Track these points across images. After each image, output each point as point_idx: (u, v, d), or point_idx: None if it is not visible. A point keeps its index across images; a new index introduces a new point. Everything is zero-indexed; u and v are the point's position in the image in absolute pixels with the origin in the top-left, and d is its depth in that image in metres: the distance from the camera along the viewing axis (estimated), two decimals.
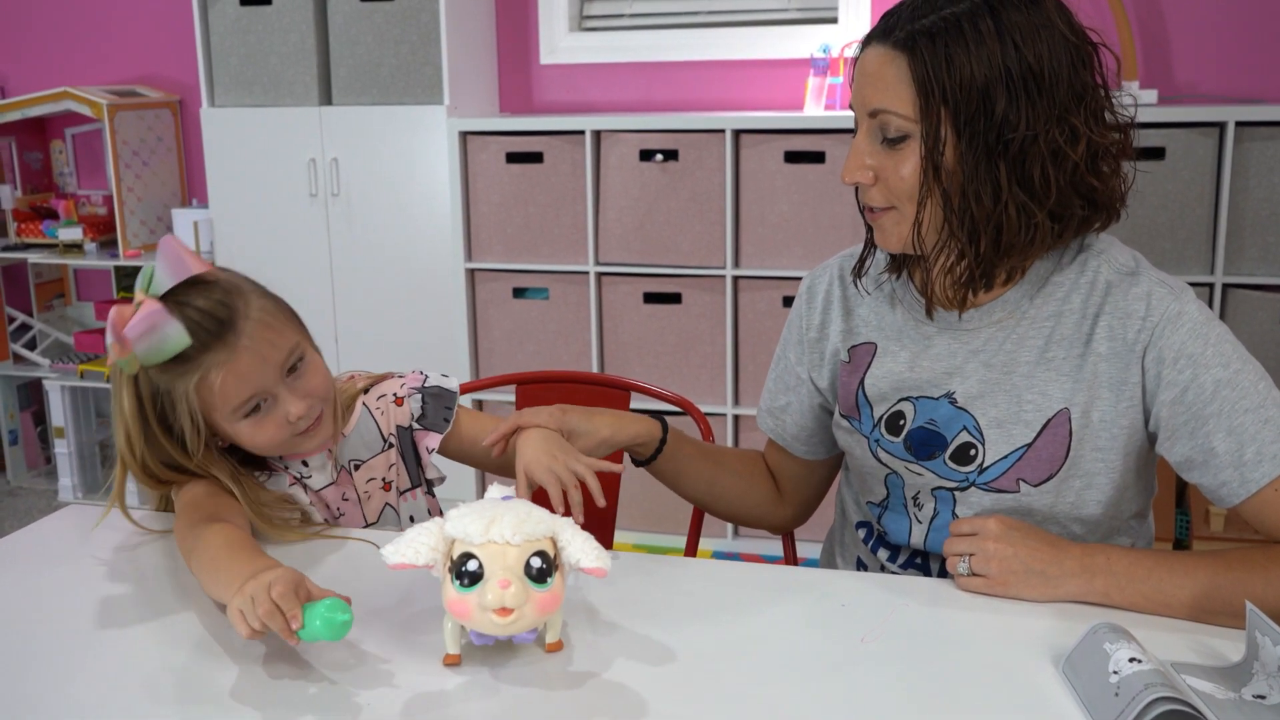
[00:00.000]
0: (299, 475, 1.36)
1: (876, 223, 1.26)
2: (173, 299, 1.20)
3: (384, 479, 1.41)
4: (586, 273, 3.17)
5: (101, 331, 3.64)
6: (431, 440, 1.41)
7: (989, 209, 1.18)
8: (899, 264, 1.34)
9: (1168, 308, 1.21)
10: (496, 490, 1.09)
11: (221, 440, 1.30)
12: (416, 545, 1.01)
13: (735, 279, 3.07)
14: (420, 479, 1.45)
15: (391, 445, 1.42)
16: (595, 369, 3.22)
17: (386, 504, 1.42)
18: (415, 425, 1.42)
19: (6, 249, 3.77)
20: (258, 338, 1.23)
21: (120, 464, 1.30)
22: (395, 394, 1.42)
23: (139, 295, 1.20)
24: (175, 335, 1.18)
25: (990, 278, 1.24)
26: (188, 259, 1.21)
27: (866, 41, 1.23)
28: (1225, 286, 2.76)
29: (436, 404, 1.42)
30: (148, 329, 1.17)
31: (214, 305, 1.21)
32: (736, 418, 3.14)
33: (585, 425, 1.36)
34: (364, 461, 1.40)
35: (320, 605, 1.00)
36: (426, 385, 1.43)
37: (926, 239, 1.22)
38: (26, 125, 3.88)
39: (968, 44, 1.14)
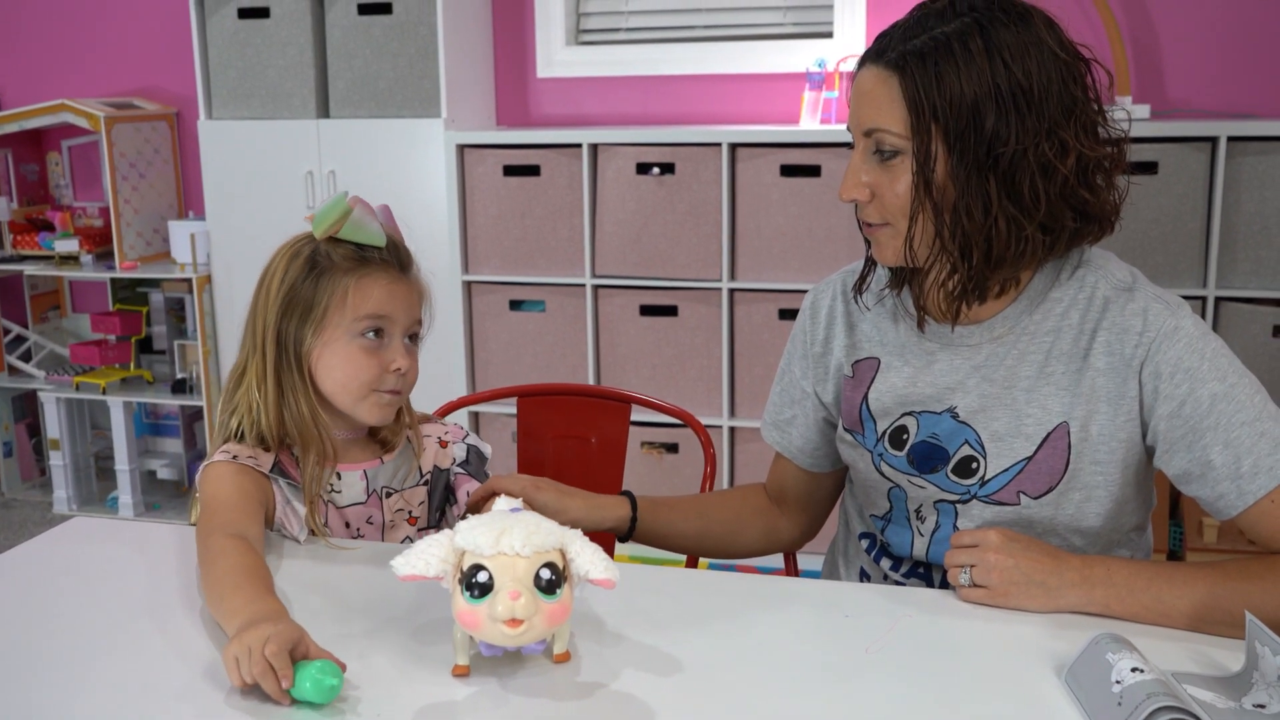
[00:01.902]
0: (326, 490, 1.38)
1: (873, 238, 1.29)
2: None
3: (411, 513, 1.44)
4: (583, 285, 3.19)
5: (96, 343, 3.66)
6: (472, 486, 1.47)
7: (980, 222, 1.20)
8: (900, 280, 1.36)
9: (1164, 323, 1.23)
10: (504, 503, 1.10)
11: (311, 369, 1.35)
12: (427, 557, 1.02)
13: (731, 292, 3.09)
14: (439, 521, 1.48)
15: (426, 483, 1.45)
16: (592, 381, 3.23)
17: (407, 537, 1.43)
18: (457, 469, 1.48)
19: (2, 261, 3.77)
20: (414, 288, 1.40)
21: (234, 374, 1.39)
22: (440, 437, 1.49)
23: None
24: (377, 228, 1.36)
25: (983, 290, 1.26)
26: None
27: (861, 63, 1.26)
28: (1217, 300, 2.78)
29: (477, 459, 1.50)
30: (367, 208, 1.35)
31: (407, 250, 1.41)
32: (733, 429, 3.16)
33: (556, 505, 1.38)
34: (396, 491, 1.43)
35: (312, 666, 0.99)
36: (468, 440, 1.51)
37: (919, 253, 1.24)
38: (23, 137, 3.88)
39: (957, 63, 1.17)
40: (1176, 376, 1.22)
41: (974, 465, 1.30)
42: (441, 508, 1.48)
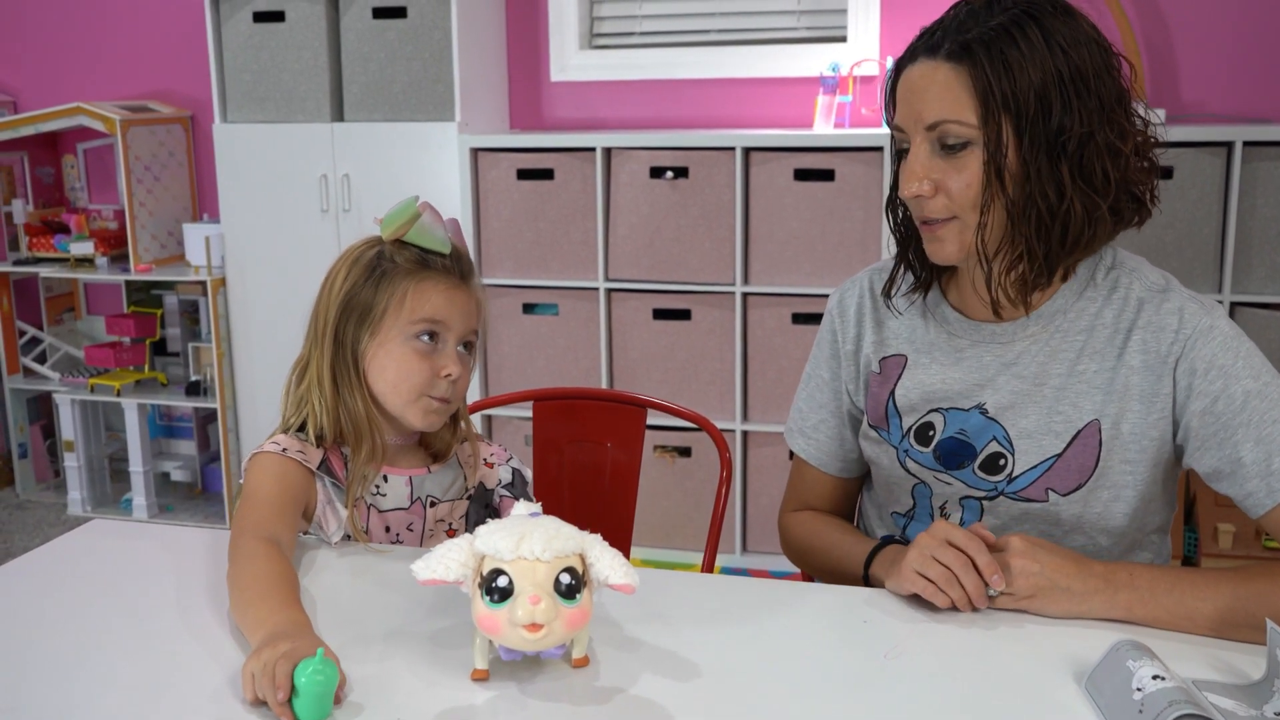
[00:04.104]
0: (371, 492, 1.39)
1: (935, 235, 1.27)
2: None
3: (451, 525, 1.44)
4: (596, 289, 3.19)
5: (111, 346, 3.67)
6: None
7: (1054, 206, 1.21)
8: (926, 283, 1.36)
9: (1199, 321, 1.24)
10: (524, 507, 1.10)
11: (365, 369, 1.37)
12: (447, 561, 1.03)
13: (745, 295, 3.09)
14: None
15: (469, 498, 1.46)
16: (605, 385, 3.23)
17: None
18: (502, 491, 1.50)
19: (18, 263, 3.79)
20: (473, 297, 1.41)
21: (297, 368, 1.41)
22: (486, 458, 1.50)
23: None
24: (443, 235, 1.38)
25: (1052, 275, 1.27)
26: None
27: (909, 59, 1.25)
28: (1233, 305, 2.77)
29: (521, 483, 1.51)
30: (436, 214, 1.38)
31: (470, 260, 1.43)
32: (745, 434, 3.15)
33: None
34: (440, 501, 1.43)
35: (301, 687, 0.97)
36: (512, 462, 1.53)
37: (990, 243, 1.24)
38: (39, 140, 3.90)
39: (1021, 50, 1.18)
40: (1211, 373, 1.23)
41: (1001, 462, 1.31)
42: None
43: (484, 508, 1.48)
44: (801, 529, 1.50)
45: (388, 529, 1.40)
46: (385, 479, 1.39)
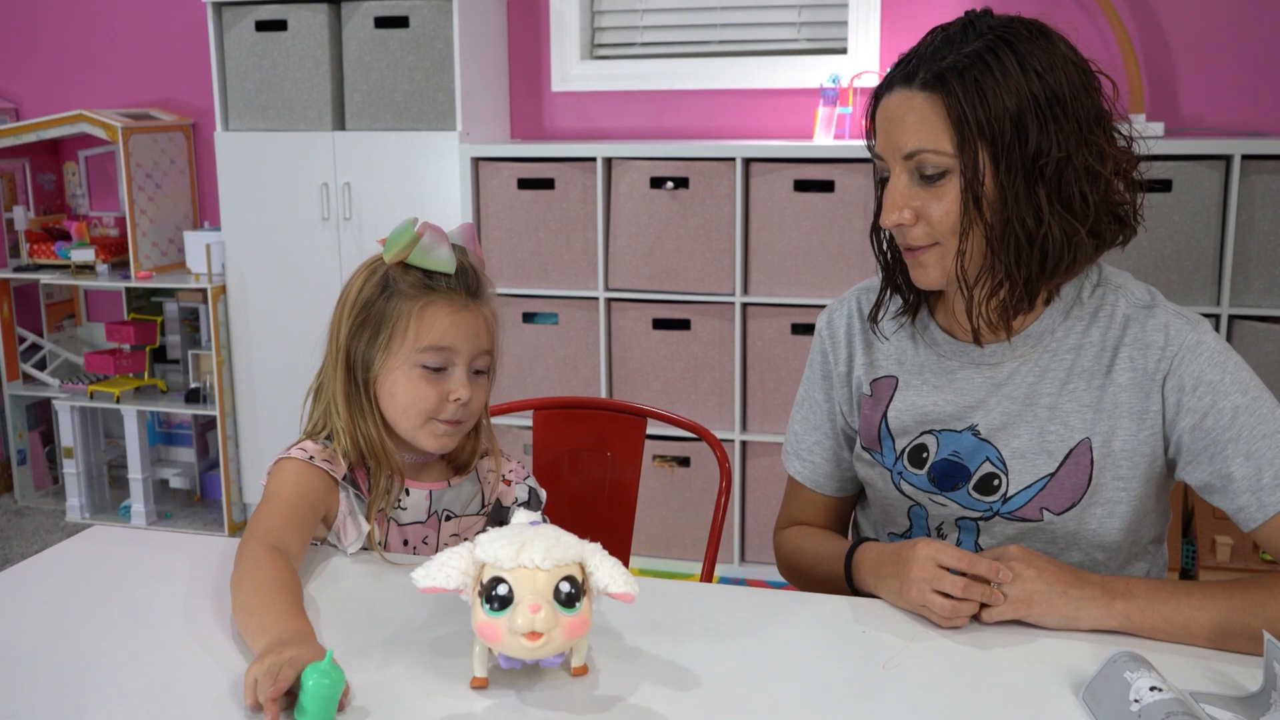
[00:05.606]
0: (394, 506, 1.39)
1: (917, 260, 1.27)
2: (455, 247, 1.37)
3: (466, 539, 1.44)
4: (596, 298, 3.20)
5: (111, 352, 3.67)
6: None
7: (1032, 232, 1.21)
8: (914, 306, 1.36)
9: (1186, 337, 1.24)
10: (523, 516, 1.11)
11: (376, 392, 1.37)
12: (447, 569, 1.03)
13: (744, 306, 3.09)
14: None
15: (485, 514, 1.46)
16: (604, 394, 3.23)
17: None
18: (518, 508, 1.47)
19: (19, 269, 3.80)
20: (482, 318, 1.38)
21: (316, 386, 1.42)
22: (505, 475, 1.49)
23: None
24: (446, 254, 1.34)
25: (1033, 300, 1.26)
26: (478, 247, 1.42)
27: (886, 88, 1.25)
28: (1231, 318, 2.78)
29: (536, 501, 1.51)
30: (437, 234, 1.34)
31: (479, 274, 1.39)
32: (744, 443, 3.16)
33: None
34: (456, 516, 1.43)
35: (308, 683, 0.97)
36: (528, 481, 1.52)
37: (969, 269, 1.25)
38: (40, 147, 3.91)
39: (995, 77, 1.18)
40: (1199, 389, 1.23)
41: (995, 482, 1.31)
42: None
43: (498, 525, 1.47)
44: (789, 544, 1.50)
45: (405, 542, 1.40)
46: (407, 492, 1.39)
